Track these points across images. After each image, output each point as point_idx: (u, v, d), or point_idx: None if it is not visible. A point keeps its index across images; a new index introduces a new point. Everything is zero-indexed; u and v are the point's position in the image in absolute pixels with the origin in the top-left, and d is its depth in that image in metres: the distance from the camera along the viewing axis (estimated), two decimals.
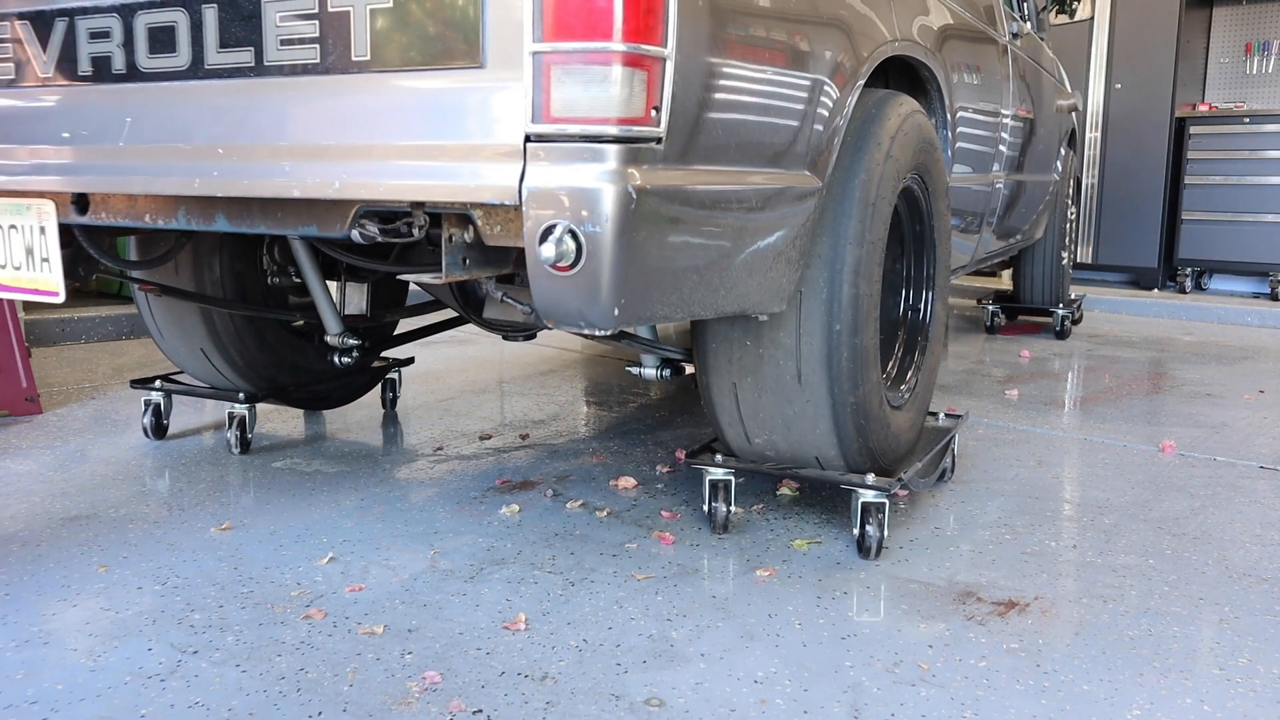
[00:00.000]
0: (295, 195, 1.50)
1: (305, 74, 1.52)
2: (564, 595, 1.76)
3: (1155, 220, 6.21)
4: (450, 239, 1.51)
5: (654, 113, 1.35)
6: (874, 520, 1.93)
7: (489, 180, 1.37)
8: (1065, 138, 4.62)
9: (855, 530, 1.95)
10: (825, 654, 1.56)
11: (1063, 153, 4.60)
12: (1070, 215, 5.00)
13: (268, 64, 1.55)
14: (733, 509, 2.09)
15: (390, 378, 3.07)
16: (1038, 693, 1.45)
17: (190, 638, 1.58)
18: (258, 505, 2.19)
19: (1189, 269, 6.26)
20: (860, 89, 1.90)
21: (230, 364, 2.61)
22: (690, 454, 2.09)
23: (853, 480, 1.94)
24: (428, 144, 1.43)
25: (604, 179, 1.31)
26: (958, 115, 2.60)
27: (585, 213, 1.31)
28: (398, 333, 2.98)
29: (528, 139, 1.35)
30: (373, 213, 1.55)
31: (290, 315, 2.61)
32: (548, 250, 1.33)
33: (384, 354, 3.68)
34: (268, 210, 1.65)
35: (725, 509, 2.05)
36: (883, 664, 1.53)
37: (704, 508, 2.12)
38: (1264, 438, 2.92)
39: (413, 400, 3.20)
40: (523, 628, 1.63)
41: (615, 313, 1.36)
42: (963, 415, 2.50)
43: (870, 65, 1.92)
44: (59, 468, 2.44)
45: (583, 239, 1.32)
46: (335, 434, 2.78)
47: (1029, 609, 1.73)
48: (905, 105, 2.07)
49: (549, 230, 1.33)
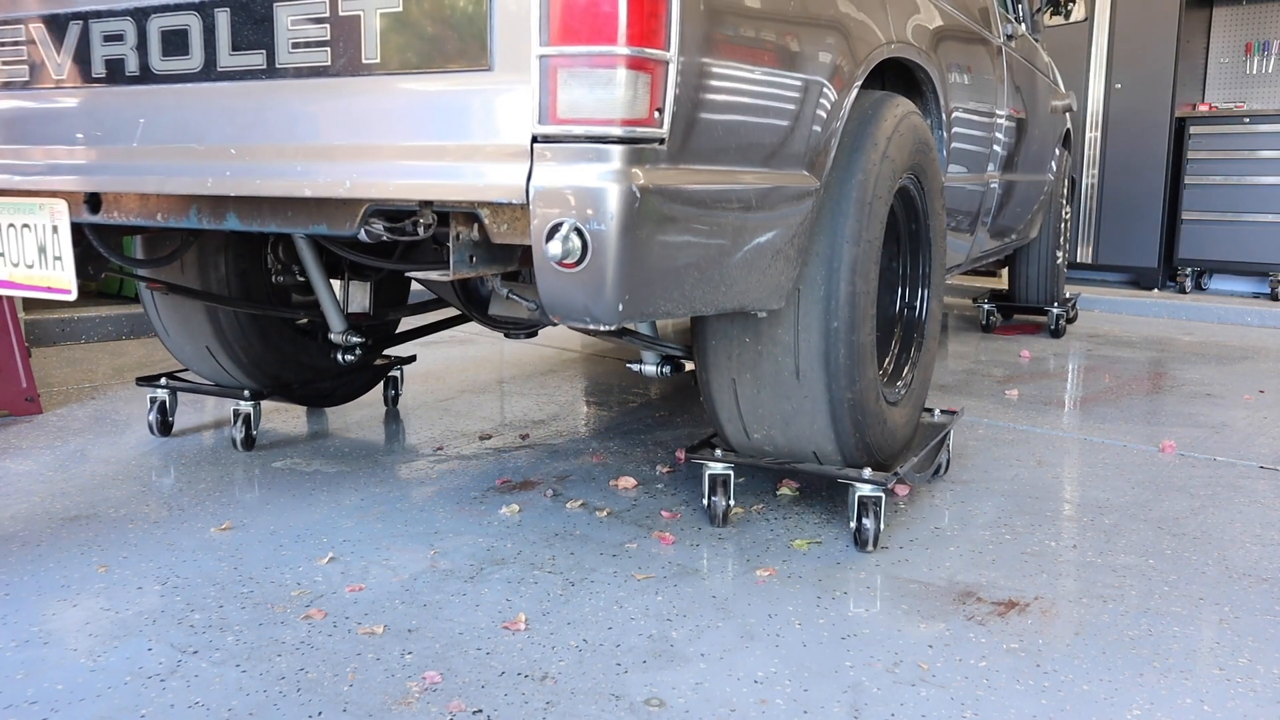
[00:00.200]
0: (307, 194, 1.54)
1: (317, 76, 1.55)
2: (564, 595, 1.76)
3: (1155, 220, 6.21)
4: (458, 237, 1.54)
5: (657, 114, 1.38)
6: (870, 514, 1.97)
7: (497, 180, 1.41)
8: (1060, 138, 4.63)
9: (852, 523, 1.99)
10: (825, 654, 1.56)
11: (1057, 153, 4.61)
12: (1065, 215, 5.01)
13: (280, 66, 1.58)
14: (732, 503, 2.12)
15: (392, 375, 3.09)
16: (1038, 693, 1.45)
17: (190, 638, 1.58)
18: (258, 505, 2.19)
19: (1189, 269, 6.26)
20: (857, 91, 1.92)
21: (235, 361, 2.63)
22: (690, 449, 2.12)
23: (849, 474, 1.98)
24: (437, 144, 1.46)
25: (609, 179, 1.35)
26: (953, 116, 2.61)
27: (591, 211, 1.35)
28: (399, 331, 3.00)
29: (534, 140, 1.39)
30: (380, 212, 1.58)
31: (294, 313, 2.63)
32: (554, 247, 1.36)
33: (386, 352, 3.69)
34: (278, 209, 1.68)
35: (724, 503, 2.09)
36: (883, 664, 1.53)
37: (703, 502, 2.15)
38: (1264, 438, 2.93)
39: (413, 400, 3.20)
40: (523, 628, 1.63)
41: (620, 308, 1.40)
42: (958, 412, 2.52)
43: (866, 68, 1.93)
44: (59, 468, 2.44)
45: (588, 236, 1.36)
46: (335, 433, 2.78)
47: (1029, 609, 1.73)
48: (901, 107, 2.08)
49: (555, 228, 1.36)
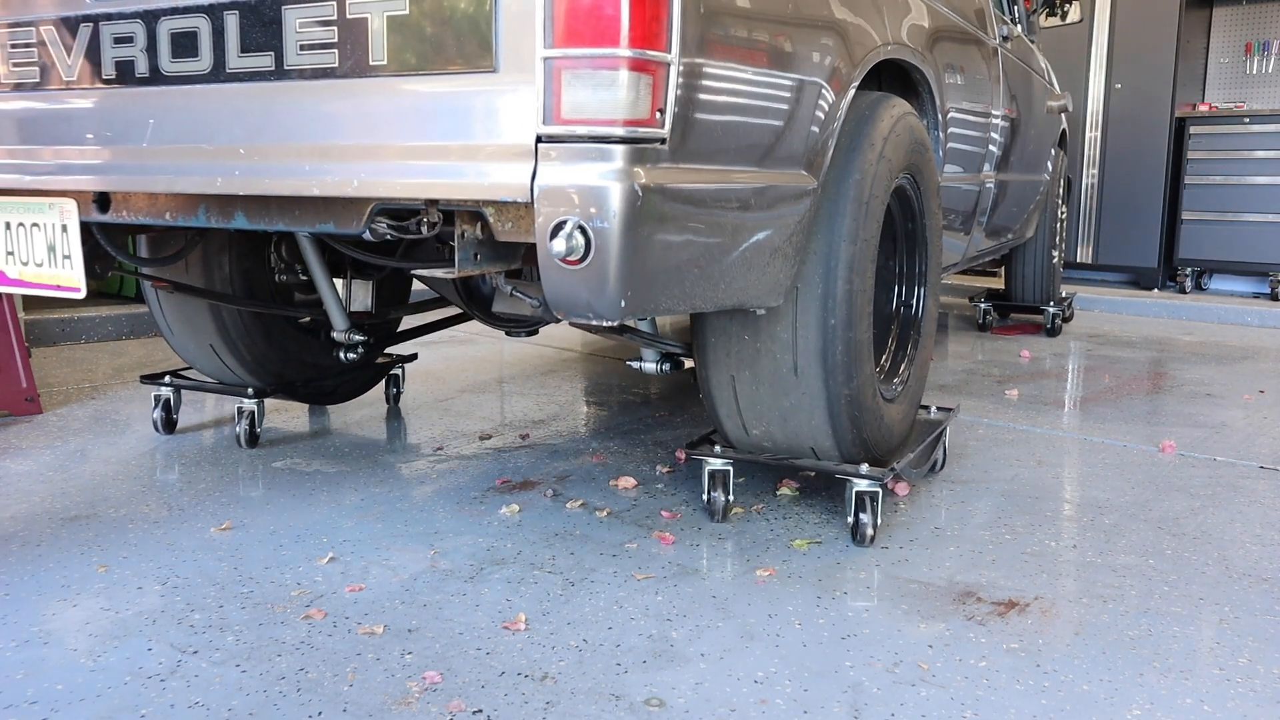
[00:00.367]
0: (315, 193, 1.56)
1: (324, 77, 1.57)
2: (564, 595, 1.76)
3: (1155, 220, 6.21)
4: (463, 235, 1.56)
5: (659, 115, 1.40)
6: (868, 509, 1.99)
7: (502, 179, 1.43)
8: (1056, 138, 4.64)
9: (849, 518, 2.00)
10: (825, 654, 1.56)
11: (1053, 153, 4.62)
12: (1061, 215, 5.02)
13: (288, 68, 1.59)
14: (731, 499, 2.14)
15: (394, 374, 3.10)
16: (1038, 693, 1.45)
17: (190, 638, 1.58)
18: (258, 504, 2.19)
19: (1189, 269, 6.26)
20: (854, 92, 1.94)
21: (239, 359, 2.64)
22: (690, 445, 2.13)
23: (847, 470, 2.00)
24: (442, 144, 1.48)
25: (612, 178, 1.37)
26: (949, 116, 2.62)
27: (594, 209, 1.37)
28: (401, 329, 3.01)
29: (539, 139, 1.41)
30: (385, 210, 1.60)
31: (297, 312, 2.64)
32: (558, 245, 1.39)
33: (388, 350, 3.70)
34: (286, 208, 1.70)
35: (724, 499, 2.11)
36: (883, 664, 1.53)
37: (703, 498, 2.16)
38: (1264, 438, 2.93)
39: (413, 400, 3.20)
40: (523, 628, 1.63)
41: (622, 304, 1.42)
42: (954, 409, 2.53)
43: (863, 69, 1.95)
44: (59, 468, 2.44)
45: (591, 234, 1.38)
46: (336, 432, 2.79)
47: (1029, 609, 1.73)
48: (898, 107, 2.09)
49: (559, 226, 1.39)
